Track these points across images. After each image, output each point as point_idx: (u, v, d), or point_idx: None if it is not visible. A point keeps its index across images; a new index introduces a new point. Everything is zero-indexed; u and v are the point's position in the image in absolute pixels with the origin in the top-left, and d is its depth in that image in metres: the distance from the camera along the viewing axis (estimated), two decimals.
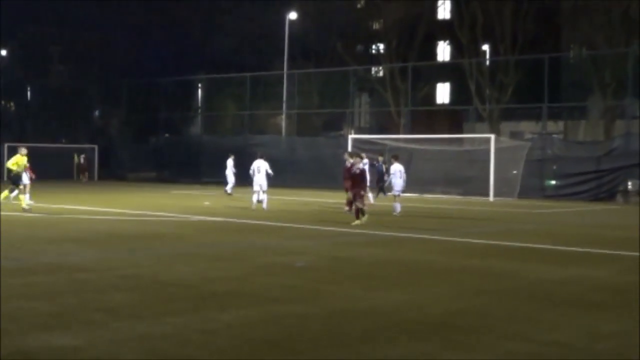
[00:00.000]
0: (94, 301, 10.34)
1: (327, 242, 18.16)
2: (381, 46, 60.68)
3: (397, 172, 27.68)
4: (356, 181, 23.32)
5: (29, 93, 66.74)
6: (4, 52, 61.43)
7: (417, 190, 39.46)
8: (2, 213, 23.22)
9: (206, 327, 8.94)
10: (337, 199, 34.74)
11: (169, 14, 60.83)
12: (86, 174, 55.73)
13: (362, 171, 23.83)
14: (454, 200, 37.12)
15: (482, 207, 32.61)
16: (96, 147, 58.41)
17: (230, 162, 39.32)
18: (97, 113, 68.46)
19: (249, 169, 29.67)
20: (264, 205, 28.48)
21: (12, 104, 69.04)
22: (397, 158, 28.98)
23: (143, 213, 25.44)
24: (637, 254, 16.64)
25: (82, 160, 56.46)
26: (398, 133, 49.58)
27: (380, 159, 34.00)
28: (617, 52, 46.51)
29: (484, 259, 15.56)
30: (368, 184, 24.64)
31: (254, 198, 28.77)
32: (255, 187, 28.78)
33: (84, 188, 42.67)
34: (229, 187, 38.40)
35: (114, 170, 57.48)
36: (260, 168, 29.09)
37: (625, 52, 44.29)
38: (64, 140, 60.68)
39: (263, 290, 11.47)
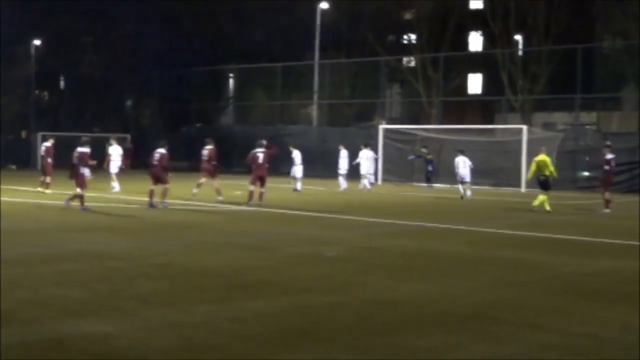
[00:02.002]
0: (124, 289, 10.41)
1: (358, 233, 18.14)
2: (413, 36, 60.38)
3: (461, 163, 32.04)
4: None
5: (62, 83, 67.25)
6: (37, 42, 61.83)
7: (448, 182, 39.32)
8: (34, 201, 23.41)
9: (236, 315, 8.97)
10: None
11: (200, 4, 60.93)
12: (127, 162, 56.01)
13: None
14: (486, 191, 36.94)
15: (514, 198, 32.45)
16: (129, 136, 58.70)
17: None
18: (129, 103, 68.83)
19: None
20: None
21: (46, 93, 69.64)
22: (462, 152, 33.18)
23: (173, 202, 25.53)
24: None
25: (128, 145, 56.78)
26: (429, 123, 49.39)
27: (424, 150, 34.48)
28: None
29: (515, 250, 15.48)
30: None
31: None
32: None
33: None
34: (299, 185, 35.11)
35: (146, 159, 57.73)
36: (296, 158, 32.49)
37: None
38: (96, 130, 61.04)
39: (293, 280, 11.49)
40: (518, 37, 55.07)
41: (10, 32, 56.55)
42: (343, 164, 35.86)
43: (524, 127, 39.73)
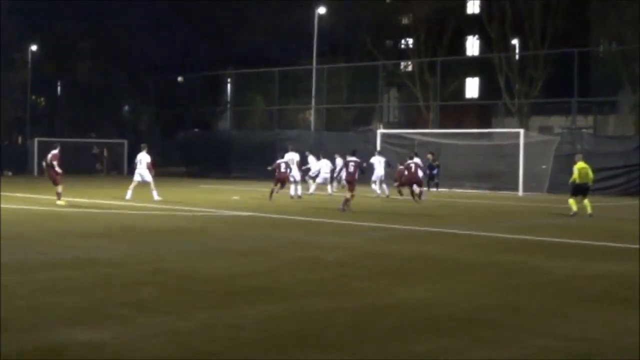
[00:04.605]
0: (121, 296, 10.36)
1: (357, 237, 18.12)
2: (410, 41, 60.53)
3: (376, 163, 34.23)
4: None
5: (58, 88, 67.24)
6: (34, 48, 61.83)
7: (446, 185, 39.33)
8: (33, 208, 23.36)
9: (234, 322, 8.93)
10: (367, 193, 34.70)
11: (197, 9, 61.00)
12: (103, 164, 56.07)
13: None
14: (483, 194, 36.95)
15: (511, 202, 32.46)
16: (126, 142, 58.69)
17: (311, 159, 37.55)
18: (126, 108, 68.83)
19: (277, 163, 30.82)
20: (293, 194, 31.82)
21: (42, 99, 69.62)
22: (379, 152, 35.16)
23: (171, 208, 25.51)
24: None
25: (95, 150, 56.91)
26: (427, 128, 49.41)
27: (430, 156, 34.56)
28: None
29: (513, 254, 15.46)
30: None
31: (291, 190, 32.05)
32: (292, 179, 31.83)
33: (112, 183, 42.85)
34: (312, 188, 35.84)
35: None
36: (293, 161, 31.93)
37: None
38: (93, 135, 61.05)
39: (292, 285, 11.45)
40: (515, 41, 55.22)
41: (8, 38, 56.56)
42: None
43: (521, 131, 39.77)
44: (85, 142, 58.11)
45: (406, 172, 31.21)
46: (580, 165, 25.06)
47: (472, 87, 64.64)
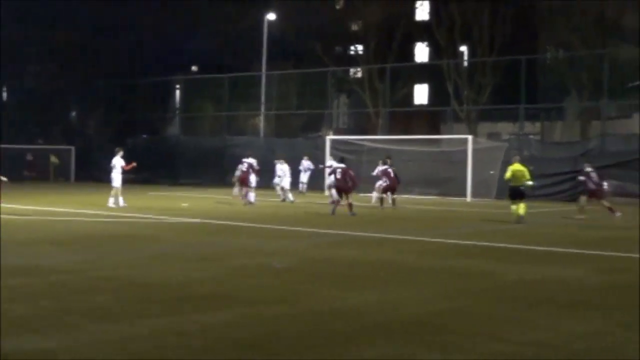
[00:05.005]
0: (69, 303, 10.26)
1: (305, 243, 18.12)
2: (360, 47, 60.71)
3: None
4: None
5: (4, 94, 66.26)
6: None
7: (398, 192, 39.49)
8: None
9: (183, 329, 8.89)
10: (315, 199, 34.77)
11: (146, 14, 60.54)
12: (34, 171, 55.47)
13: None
14: (432, 200, 37.17)
15: (460, 208, 32.70)
16: (73, 148, 58.03)
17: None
18: (74, 114, 68.06)
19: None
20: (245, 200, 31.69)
21: None
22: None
23: (120, 214, 25.30)
24: (615, 253, 16.75)
25: (29, 157, 56.29)
26: (376, 134, 49.60)
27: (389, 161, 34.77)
28: (593, 54, 46.74)
29: (461, 259, 15.58)
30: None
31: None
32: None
33: (60, 189, 42.41)
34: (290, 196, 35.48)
35: (91, 171, 57.08)
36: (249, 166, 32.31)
37: (601, 54, 44.53)
38: (40, 141, 60.26)
39: (241, 291, 11.43)
40: (463, 48, 55.68)
41: None
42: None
43: (470, 137, 40.06)
44: (31, 148, 57.36)
45: (384, 179, 31.27)
46: (515, 166, 25.16)
47: (421, 94, 65.01)
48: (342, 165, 27.79)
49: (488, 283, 12.61)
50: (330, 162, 35.07)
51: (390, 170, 31.24)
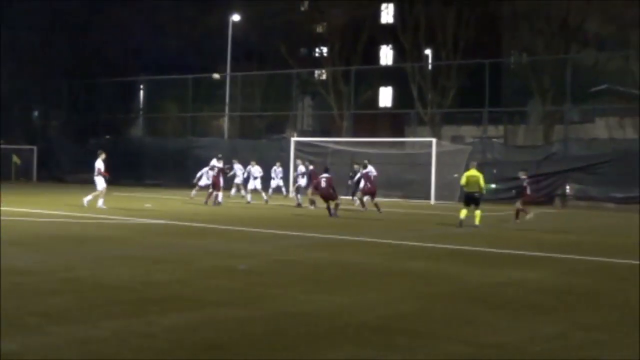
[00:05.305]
0: (30, 305, 10.16)
1: (269, 245, 18.10)
2: (324, 49, 60.80)
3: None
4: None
5: None
6: None
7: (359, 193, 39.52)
8: None
9: (146, 330, 8.84)
10: (281, 201, 34.77)
11: (110, 14, 60.13)
12: None
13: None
14: (395, 203, 37.29)
15: (423, 211, 32.84)
16: (35, 148, 57.55)
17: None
18: (36, 114, 67.49)
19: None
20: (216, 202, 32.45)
21: None
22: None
23: (83, 215, 25.13)
24: (575, 256, 16.92)
25: None
26: (340, 136, 49.70)
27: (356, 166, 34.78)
28: (556, 58, 47.18)
29: (424, 261, 15.65)
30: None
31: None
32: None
33: (22, 190, 42.04)
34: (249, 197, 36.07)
35: (53, 172, 56.68)
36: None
37: (564, 59, 44.96)
38: (2, 141, 59.68)
39: (205, 293, 11.39)
40: (428, 52, 55.92)
41: None
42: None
43: (433, 140, 40.29)
44: None
45: (363, 182, 31.35)
46: (470, 172, 25.26)
47: (385, 96, 65.24)
48: (327, 175, 28.22)
49: (451, 286, 12.68)
50: (301, 167, 35.17)
51: (371, 174, 31.40)
